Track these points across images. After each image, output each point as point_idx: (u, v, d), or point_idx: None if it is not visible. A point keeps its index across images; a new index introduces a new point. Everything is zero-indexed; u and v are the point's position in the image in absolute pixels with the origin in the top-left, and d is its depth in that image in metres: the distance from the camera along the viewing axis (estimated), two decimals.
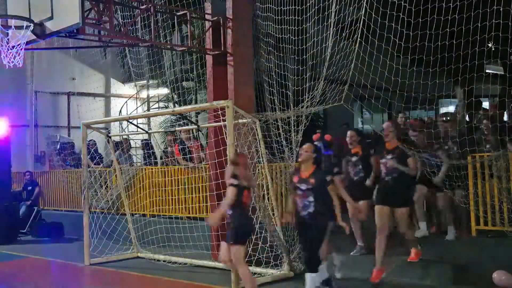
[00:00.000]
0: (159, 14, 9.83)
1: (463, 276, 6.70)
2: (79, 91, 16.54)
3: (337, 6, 7.83)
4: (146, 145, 12.38)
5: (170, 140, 11.70)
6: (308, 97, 8.18)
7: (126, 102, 16.95)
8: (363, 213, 7.19)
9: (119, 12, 10.60)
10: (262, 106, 9.27)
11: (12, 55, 7.28)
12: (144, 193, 10.75)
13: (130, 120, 11.28)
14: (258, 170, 8.20)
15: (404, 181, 6.81)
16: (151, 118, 15.49)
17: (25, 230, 12.94)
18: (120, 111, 16.37)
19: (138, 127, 11.44)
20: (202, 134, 12.74)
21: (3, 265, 9.69)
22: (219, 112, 7.48)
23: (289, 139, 8.53)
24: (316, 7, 8.27)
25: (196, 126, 9.75)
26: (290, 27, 8.57)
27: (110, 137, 10.29)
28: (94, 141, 13.08)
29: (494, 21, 6.60)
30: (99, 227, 9.70)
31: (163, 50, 13.18)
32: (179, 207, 9.98)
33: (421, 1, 7.26)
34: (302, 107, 8.24)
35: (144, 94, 17.13)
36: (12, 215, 12.39)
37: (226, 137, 7.22)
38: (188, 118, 11.26)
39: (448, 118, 8.18)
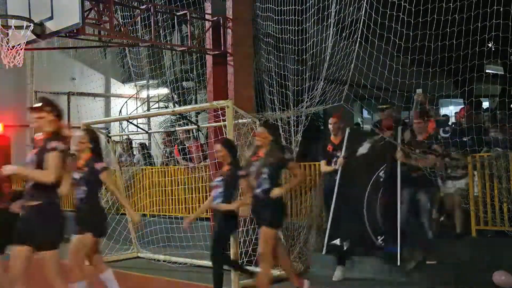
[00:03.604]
0: (159, 14, 9.83)
1: (463, 276, 6.69)
2: (79, 91, 16.52)
3: (337, 6, 7.84)
4: (142, 146, 12.42)
5: (168, 140, 11.69)
6: (308, 97, 8.18)
7: (126, 102, 16.94)
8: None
9: (119, 12, 10.60)
10: (262, 106, 9.27)
11: (12, 55, 7.28)
12: (144, 193, 10.75)
13: (130, 120, 11.27)
14: None
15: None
16: (151, 118, 15.49)
17: None
18: (120, 111, 16.37)
19: (138, 127, 11.44)
20: (202, 134, 12.74)
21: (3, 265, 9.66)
22: (219, 112, 7.48)
23: (289, 139, 8.53)
24: (316, 7, 8.28)
25: (196, 126, 9.75)
26: (290, 27, 8.57)
27: (110, 137, 10.28)
28: None
29: (494, 21, 6.60)
30: None
31: (163, 50, 13.18)
32: (179, 207, 9.97)
33: (421, 1, 7.26)
34: (302, 107, 8.24)
35: (144, 94, 17.13)
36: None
37: (226, 137, 7.21)
38: (188, 118, 11.25)
39: (384, 107, 8.08)
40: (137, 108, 17.08)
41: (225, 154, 6.14)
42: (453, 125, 8.81)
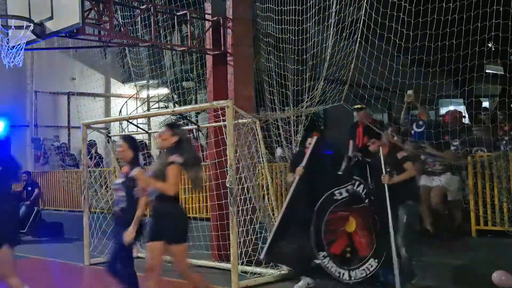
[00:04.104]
0: (159, 14, 9.84)
1: (463, 276, 6.69)
2: (79, 91, 16.54)
3: (337, 6, 7.85)
4: (142, 146, 12.43)
5: None
6: (308, 97, 8.19)
7: (126, 102, 16.95)
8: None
9: (119, 12, 10.61)
10: (262, 106, 9.28)
11: (12, 55, 7.28)
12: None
13: (130, 120, 11.27)
14: (258, 170, 8.21)
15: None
16: (151, 118, 15.49)
17: (25, 230, 12.94)
18: (120, 111, 16.38)
19: (138, 127, 11.44)
20: (202, 134, 12.75)
21: None
22: (219, 112, 7.48)
23: (289, 139, 8.55)
24: (316, 7, 8.29)
25: (196, 126, 9.75)
26: (290, 27, 8.58)
27: (110, 137, 10.28)
28: (94, 141, 13.08)
29: (494, 21, 6.61)
30: (99, 227, 9.69)
31: (163, 50, 13.19)
32: None
33: (421, 1, 7.27)
34: (302, 107, 8.25)
35: (144, 94, 17.14)
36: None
37: (226, 137, 7.22)
38: (188, 118, 11.25)
39: (360, 107, 7.89)
40: (137, 108, 17.09)
41: (126, 150, 5.51)
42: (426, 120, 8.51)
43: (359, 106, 7.84)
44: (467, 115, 10.87)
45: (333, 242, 6.38)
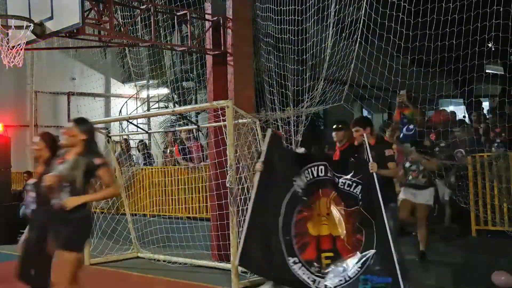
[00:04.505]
0: (159, 14, 9.84)
1: (463, 276, 6.69)
2: (79, 91, 16.56)
3: (337, 6, 7.85)
4: (143, 145, 12.44)
5: (170, 141, 11.72)
6: (308, 97, 8.19)
7: (126, 102, 16.96)
8: None
9: (119, 12, 10.60)
10: (262, 106, 9.28)
11: (12, 55, 7.28)
12: (144, 193, 10.75)
13: (130, 120, 11.28)
14: None
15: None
16: (151, 118, 15.50)
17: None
18: (120, 111, 16.39)
19: (138, 127, 11.44)
20: (202, 134, 12.75)
21: (3, 265, 9.67)
22: (219, 112, 7.48)
23: (289, 139, 8.54)
24: (316, 7, 8.29)
25: (196, 126, 9.75)
26: (290, 27, 8.58)
27: (110, 137, 10.28)
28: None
29: (494, 21, 6.61)
30: (99, 227, 9.69)
31: (163, 50, 13.19)
32: (179, 207, 9.98)
33: (421, 1, 7.27)
34: (302, 107, 8.25)
35: (144, 94, 17.14)
36: (12, 215, 12.37)
37: (226, 137, 7.22)
38: (188, 118, 11.26)
39: (340, 126, 6.54)
40: (137, 108, 17.10)
41: (43, 149, 5.12)
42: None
43: (339, 125, 6.55)
44: (467, 115, 10.89)
45: (305, 247, 5.57)
